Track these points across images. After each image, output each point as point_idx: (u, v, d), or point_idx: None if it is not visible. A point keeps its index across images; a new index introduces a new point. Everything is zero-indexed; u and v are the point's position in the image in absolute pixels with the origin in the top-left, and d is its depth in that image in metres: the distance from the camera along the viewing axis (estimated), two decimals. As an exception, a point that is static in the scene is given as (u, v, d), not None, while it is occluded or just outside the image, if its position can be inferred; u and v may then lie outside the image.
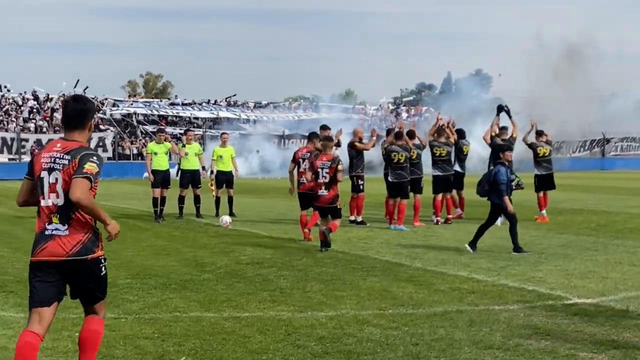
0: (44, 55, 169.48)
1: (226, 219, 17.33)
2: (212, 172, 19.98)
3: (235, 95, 67.80)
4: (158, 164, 18.59)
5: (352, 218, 17.66)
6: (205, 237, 15.43)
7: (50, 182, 5.52)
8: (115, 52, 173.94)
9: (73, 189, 5.36)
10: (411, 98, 76.85)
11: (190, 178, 19.21)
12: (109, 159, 50.74)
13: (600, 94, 61.74)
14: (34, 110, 58.56)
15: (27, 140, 49.16)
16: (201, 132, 56.35)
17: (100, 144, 49.99)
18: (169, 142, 21.19)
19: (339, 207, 13.56)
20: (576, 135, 58.34)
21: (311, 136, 15.56)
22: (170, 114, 62.20)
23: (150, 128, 57.21)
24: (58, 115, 56.71)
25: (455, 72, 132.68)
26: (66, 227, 5.49)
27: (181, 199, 19.32)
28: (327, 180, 13.38)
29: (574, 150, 63.29)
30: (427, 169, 18.06)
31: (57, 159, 5.50)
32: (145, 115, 61.34)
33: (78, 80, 61.73)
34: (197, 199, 19.33)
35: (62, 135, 5.71)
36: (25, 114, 57.37)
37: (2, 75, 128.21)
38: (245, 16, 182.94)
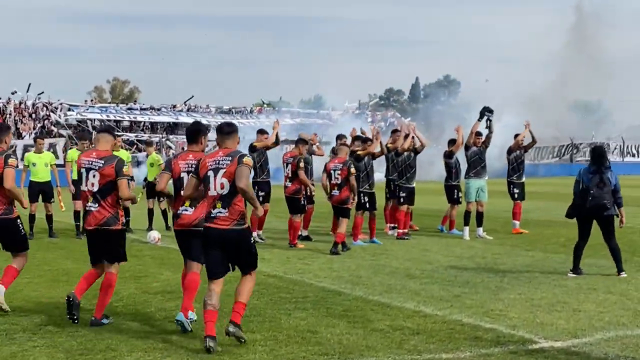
0: (7, 60, 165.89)
1: (154, 234, 15.38)
2: (146, 180, 18.10)
3: (192, 97, 65.52)
4: (36, 175, 16.41)
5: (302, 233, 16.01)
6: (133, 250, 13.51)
7: (217, 179, 7.33)
8: (82, 58, 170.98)
9: (239, 179, 7.24)
10: (376, 101, 75.07)
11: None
12: (58, 165, 48.42)
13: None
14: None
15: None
16: (158, 138, 54.34)
17: (51, 150, 47.73)
18: (124, 149, 19.59)
19: (349, 207, 14.33)
20: (546, 141, 57.20)
21: (297, 142, 15.57)
22: (127, 118, 60.06)
23: (133, 136, 55.19)
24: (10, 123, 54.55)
25: (423, 77, 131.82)
26: (227, 210, 7.31)
27: (150, 212, 17.91)
28: (339, 182, 14.18)
29: (542, 157, 62.28)
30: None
31: (221, 161, 7.35)
32: (101, 120, 59.19)
33: (30, 84, 59.70)
34: (126, 212, 17.45)
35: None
36: (-25, 119, 54.88)
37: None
38: (214, 22, 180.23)
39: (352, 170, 14.19)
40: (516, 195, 17.25)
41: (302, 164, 14.93)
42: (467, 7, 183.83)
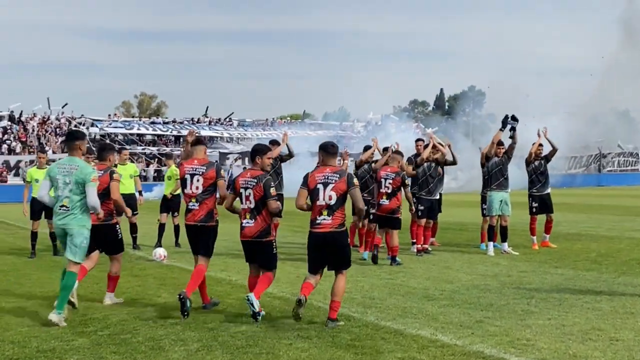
0: (38, 76, 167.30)
1: (160, 251, 14.61)
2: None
3: (207, 108, 64.94)
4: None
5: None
6: (125, 276, 12.71)
7: (326, 192, 8.63)
8: (110, 74, 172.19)
9: (358, 201, 8.75)
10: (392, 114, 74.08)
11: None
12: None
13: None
14: (8, 130, 55.78)
15: (-8, 162, 46.56)
16: (178, 151, 53.83)
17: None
18: (131, 161, 18.93)
19: (399, 218, 14.09)
20: (575, 151, 56.10)
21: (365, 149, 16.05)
22: (150, 132, 59.65)
23: (140, 149, 54.72)
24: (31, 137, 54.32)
25: (448, 88, 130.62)
26: (330, 217, 8.68)
27: (161, 227, 17.13)
28: (389, 191, 13.95)
29: (570, 167, 60.95)
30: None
31: (329, 177, 8.66)
32: (124, 134, 58.85)
33: (48, 99, 59.70)
34: (133, 228, 16.72)
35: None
36: (-1, 135, 54.65)
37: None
38: (240, 37, 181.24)
39: (407, 181, 14.22)
40: (534, 210, 16.26)
41: (408, 181, 14.40)
42: (493, 17, 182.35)
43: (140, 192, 17.21)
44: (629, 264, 13.64)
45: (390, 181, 13.92)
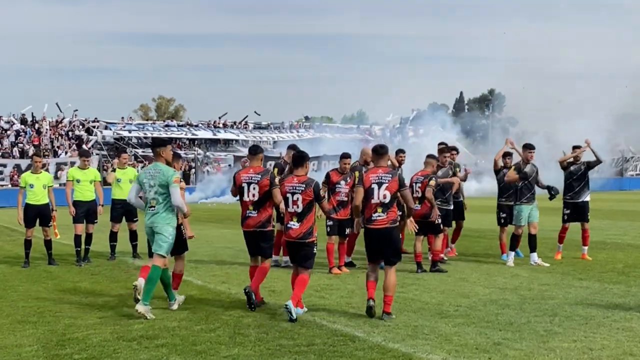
0: (57, 80, 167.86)
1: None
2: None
3: (226, 113, 64.25)
4: (34, 198, 14.97)
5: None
6: (117, 288, 11.96)
7: (380, 191, 9.53)
8: (129, 77, 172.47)
9: (408, 201, 9.81)
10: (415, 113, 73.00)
11: (123, 210, 15.84)
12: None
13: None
14: (21, 133, 55.34)
15: (4, 166, 46.06)
16: (194, 154, 53.20)
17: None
18: (133, 166, 18.18)
19: (436, 221, 13.70)
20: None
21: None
22: (165, 135, 59.02)
23: (140, 151, 54.04)
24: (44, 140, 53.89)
25: (467, 92, 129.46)
26: (385, 214, 9.55)
27: (113, 236, 16.03)
28: (419, 195, 13.52)
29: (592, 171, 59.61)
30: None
31: (383, 177, 9.57)
32: (138, 137, 58.31)
33: (57, 103, 59.40)
34: (132, 236, 15.99)
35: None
36: (12, 138, 54.18)
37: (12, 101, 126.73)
38: (257, 40, 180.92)
39: (432, 182, 13.54)
40: (565, 217, 15.32)
41: (433, 182, 13.64)
42: (516, 21, 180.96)
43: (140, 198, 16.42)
44: (659, 275, 12.72)
45: (419, 185, 13.49)
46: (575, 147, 15.24)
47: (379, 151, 9.80)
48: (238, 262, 14.96)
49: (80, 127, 57.37)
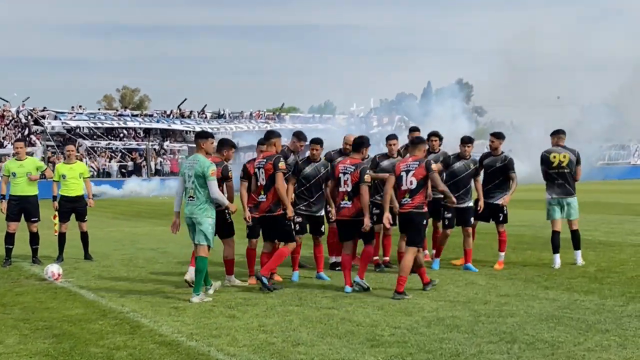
0: (17, 71, 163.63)
1: (53, 269, 11.79)
2: (54, 197, 14.32)
3: (185, 99, 61.79)
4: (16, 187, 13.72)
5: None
6: (9, 295, 9.89)
7: (408, 178, 10.24)
8: (93, 68, 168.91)
9: (438, 185, 10.56)
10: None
11: (72, 207, 14.04)
12: (38, 177, 44.97)
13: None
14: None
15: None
16: (145, 146, 50.84)
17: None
18: (80, 160, 16.47)
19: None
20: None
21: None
22: (117, 126, 56.56)
23: (88, 143, 51.53)
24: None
25: (436, 82, 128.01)
26: (411, 199, 10.23)
27: (61, 237, 14.13)
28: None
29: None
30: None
31: (410, 165, 10.22)
32: (89, 128, 55.78)
33: (14, 95, 56.98)
34: (83, 237, 14.22)
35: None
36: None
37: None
38: (224, 31, 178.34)
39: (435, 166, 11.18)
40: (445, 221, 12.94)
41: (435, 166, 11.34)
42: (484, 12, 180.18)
43: (90, 196, 14.45)
44: (638, 283, 10.86)
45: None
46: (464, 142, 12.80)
47: (415, 142, 10.53)
48: (153, 271, 12.90)
49: (29, 117, 54.70)
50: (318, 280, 11.46)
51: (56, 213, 14.07)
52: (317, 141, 11.71)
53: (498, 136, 12.77)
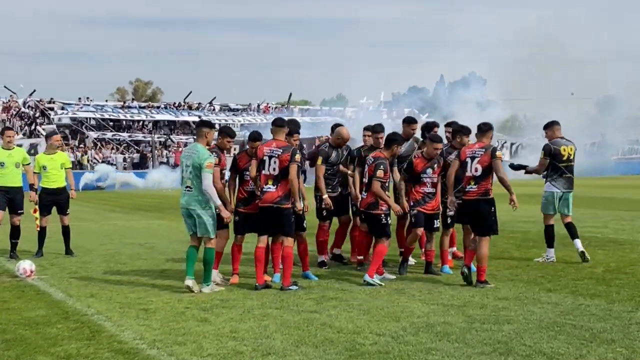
0: (35, 63, 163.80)
1: (25, 265, 11.13)
2: (34, 189, 13.63)
3: (190, 92, 61.13)
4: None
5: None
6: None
7: (473, 165, 10.21)
8: (107, 60, 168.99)
9: (498, 170, 10.20)
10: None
11: (53, 200, 13.38)
12: (42, 168, 44.49)
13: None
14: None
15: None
16: (151, 138, 50.25)
17: (32, 151, 43.66)
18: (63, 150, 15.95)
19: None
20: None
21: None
22: (124, 117, 56.00)
23: (94, 134, 50.97)
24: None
25: (448, 75, 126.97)
26: (476, 186, 10.23)
27: (42, 231, 13.50)
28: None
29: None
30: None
31: (476, 151, 10.23)
32: (95, 119, 55.20)
33: (5, 86, 56.69)
34: (65, 231, 13.55)
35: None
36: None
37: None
38: (238, 24, 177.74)
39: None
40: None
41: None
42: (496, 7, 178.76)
43: (72, 187, 13.83)
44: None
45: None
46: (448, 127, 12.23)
47: (482, 128, 10.40)
48: (134, 268, 12.22)
49: (35, 108, 54.23)
50: (306, 279, 10.73)
51: (36, 207, 13.40)
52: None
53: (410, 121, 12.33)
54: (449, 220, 11.54)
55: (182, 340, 7.28)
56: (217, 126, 57.31)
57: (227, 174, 10.76)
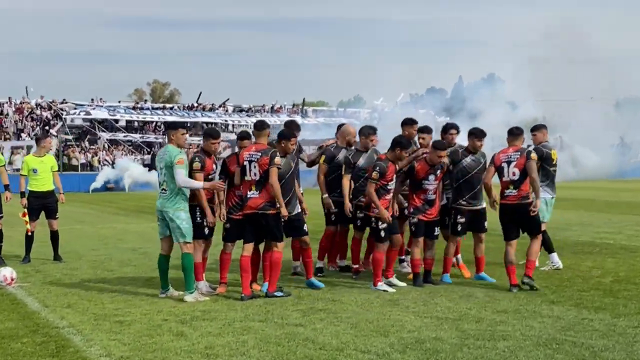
0: (51, 63, 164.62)
1: (5, 272, 10.71)
2: (22, 193, 13.23)
3: (201, 93, 60.70)
4: None
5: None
6: None
7: (510, 169, 10.15)
8: (125, 61, 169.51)
9: (532, 171, 10.08)
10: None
11: (42, 204, 12.99)
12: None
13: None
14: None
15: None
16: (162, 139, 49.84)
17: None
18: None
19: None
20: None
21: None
22: (136, 119, 55.65)
23: (107, 135, 50.67)
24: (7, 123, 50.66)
25: (467, 76, 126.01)
26: (516, 190, 10.12)
27: (30, 236, 13.07)
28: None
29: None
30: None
31: (512, 155, 10.13)
32: (106, 119, 54.82)
33: (26, 87, 56.51)
34: (54, 236, 13.14)
35: None
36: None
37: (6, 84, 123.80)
38: (254, 25, 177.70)
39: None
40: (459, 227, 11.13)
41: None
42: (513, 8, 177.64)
43: (61, 190, 13.40)
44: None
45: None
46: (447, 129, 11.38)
47: (514, 132, 10.36)
48: (121, 275, 11.77)
49: (47, 109, 54.03)
50: (299, 289, 10.21)
51: (25, 210, 12.98)
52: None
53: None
54: (459, 228, 10.84)
55: (151, 358, 6.81)
56: (231, 127, 57.14)
57: (217, 178, 10.25)
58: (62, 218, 13.50)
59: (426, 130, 11.26)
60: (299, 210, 10.11)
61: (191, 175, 9.53)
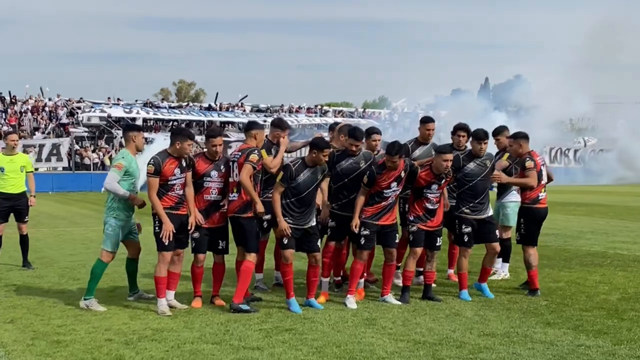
0: (80, 64, 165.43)
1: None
2: None
3: (218, 94, 60.19)
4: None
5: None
6: None
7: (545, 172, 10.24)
8: (151, 61, 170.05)
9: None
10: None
11: (11, 206, 12.21)
12: (64, 168, 43.87)
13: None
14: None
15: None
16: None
17: (54, 152, 42.98)
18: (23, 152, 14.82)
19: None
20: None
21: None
22: (153, 117, 55.16)
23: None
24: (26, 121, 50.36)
25: (493, 78, 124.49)
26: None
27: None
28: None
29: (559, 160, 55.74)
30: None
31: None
32: (121, 118, 54.33)
33: (40, 88, 56.31)
34: (23, 240, 12.35)
35: None
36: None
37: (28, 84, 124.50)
38: (280, 26, 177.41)
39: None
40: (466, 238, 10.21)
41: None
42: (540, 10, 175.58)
43: (33, 193, 12.59)
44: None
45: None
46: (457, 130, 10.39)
47: (526, 136, 10.16)
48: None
49: (64, 108, 53.67)
50: (273, 302, 9.32)
51: None
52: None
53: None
54: (465, 239, 9.85)
55: (72, 388, 5.94)
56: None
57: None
58: (59, 219, 12.75)
59: (464, 128, 10.36)
60: (314, 223, 9.11)
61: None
